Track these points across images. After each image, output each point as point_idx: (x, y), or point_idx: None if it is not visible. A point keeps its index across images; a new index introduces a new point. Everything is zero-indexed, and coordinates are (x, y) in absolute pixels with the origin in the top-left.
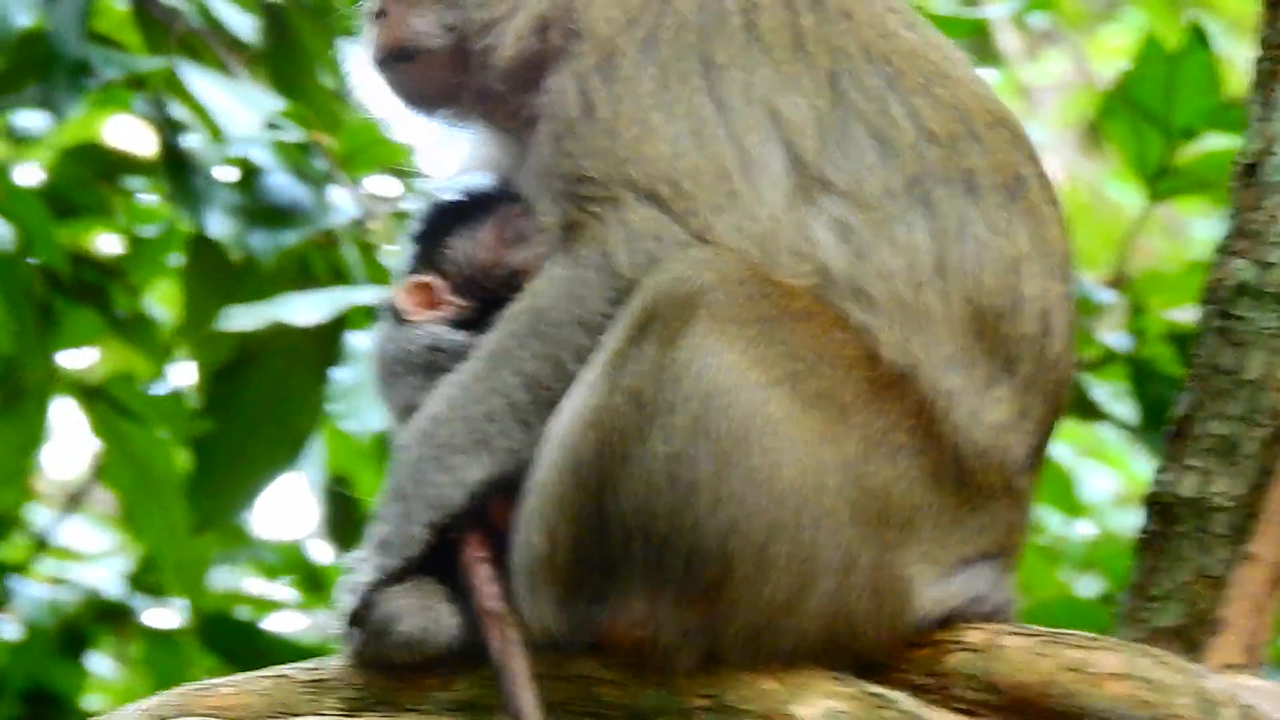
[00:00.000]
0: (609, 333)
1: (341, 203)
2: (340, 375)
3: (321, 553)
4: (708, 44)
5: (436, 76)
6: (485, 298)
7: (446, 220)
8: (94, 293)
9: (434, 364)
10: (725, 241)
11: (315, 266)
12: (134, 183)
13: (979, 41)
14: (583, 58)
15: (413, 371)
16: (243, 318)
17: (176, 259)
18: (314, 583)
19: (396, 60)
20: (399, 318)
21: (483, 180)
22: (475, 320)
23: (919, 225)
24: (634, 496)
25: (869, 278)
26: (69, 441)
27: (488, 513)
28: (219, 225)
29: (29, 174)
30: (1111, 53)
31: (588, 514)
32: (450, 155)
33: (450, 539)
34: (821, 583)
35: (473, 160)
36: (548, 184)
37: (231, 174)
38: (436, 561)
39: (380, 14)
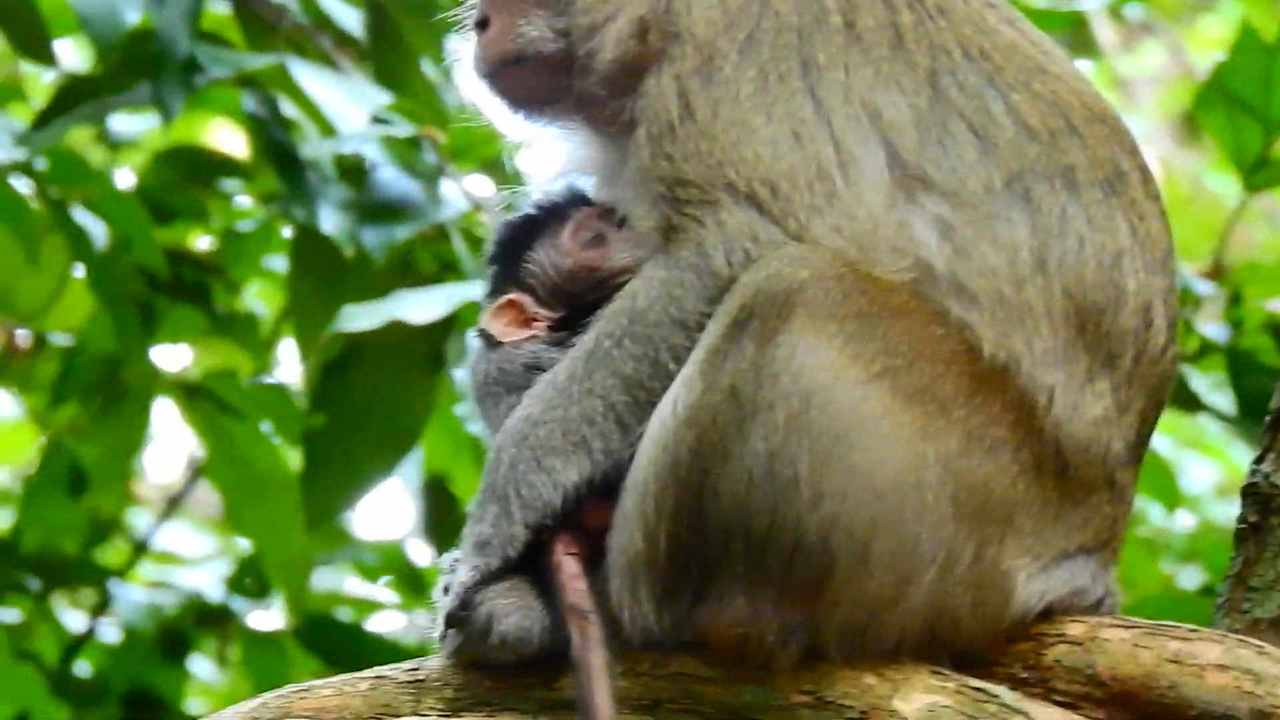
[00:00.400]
0: (707, 332)
1: (451, 196)
2: (463, 376)
3: (420, 553)
4: (807, 45)
5: (543, 81)
6: (573, 304)
7: (521, 235)
8: (193, 290)
9: (534, 382)
10: (823, 241)
11: (422, 261)
12: (229, 185)
13: (1075, 34)
14: (682, 60)
15: (513, 391)
16: (360, 317)
17: (276, 262)
18: (413, 583)
19: (505, 66)
20: (492, 341)
21: (551, 190)
22: (568, 329)
23: (1019, 222)
24: (734, 494)
25: (969, 274)
26: (169, 444)
27: (579, 513)
28: (330, 221)
29: (124, 178)
30: (1208, 44)
31: (687, 512)
32: (552, 158)
33: (541, 539)
34: (923, 577)
35: (573, 162)
36: (646, 187)
37: (339, 170)
38: (527, 562)
39: (483, 23)
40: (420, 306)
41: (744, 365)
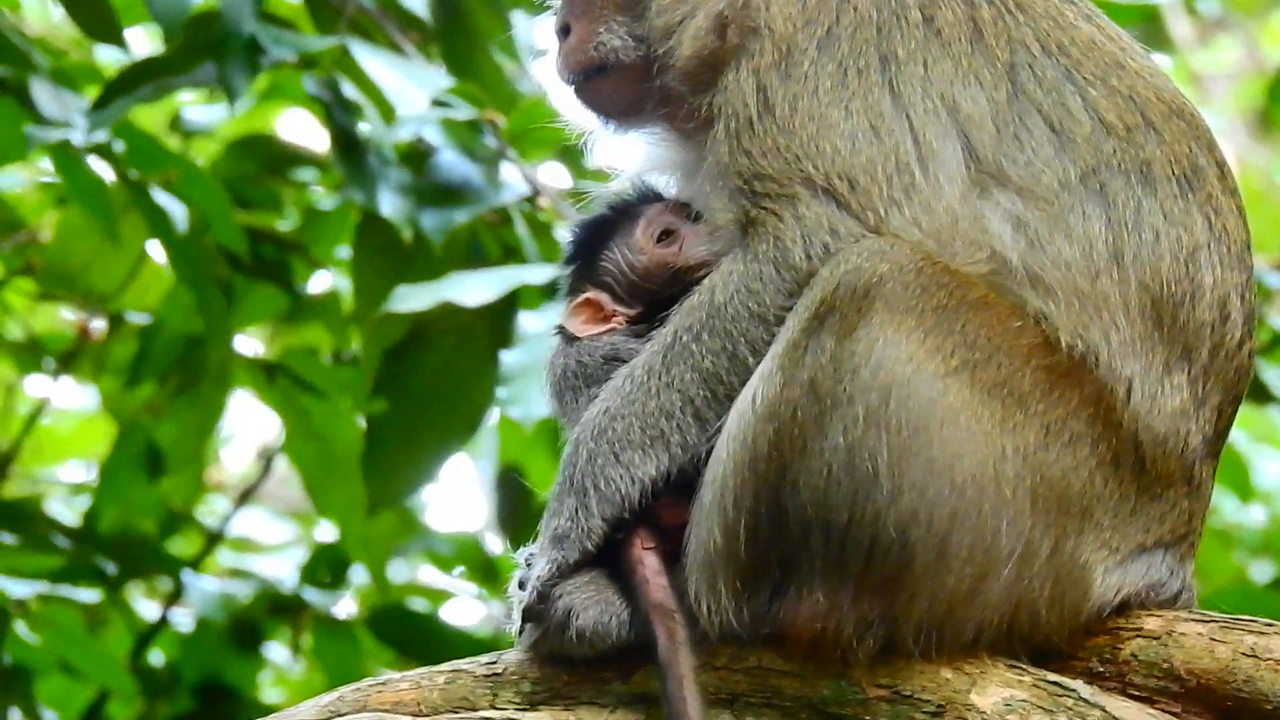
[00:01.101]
0: (786, 326)
1: (512, 180)
2: (509, 359)
3: (494, 544)
4: (886, 39)
5: (627, 89)
6: (650, 299)
7: (596, 235)
8: (273, 269)
9: (612, 375)
10: (901, 235)
11: (486, 245)
12: (305, 175)
13: (1150, 28)
14: (760, 55)
15: (592, 384)
16: (412, 298)
17: (347, 250)
18: (488, 573)
19: (588, 77)
20: (570, 339)
21: (623, 189)
22: (645, 324)
23: (1095, 216)
24: (813, 488)
25: (1044, 266)
26: (244, 431)
27: (656, 508)
28: (390, 205)
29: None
30: None
31: (766, 507)
32: (631, 156)
33: (617, 533)
34: (1001, 571)
35: (652, 161)
36: (725, 181)
37: (400, 154)
38: (603, 555)
39: (564, 30)
40: (473, 289)
41: (823, 359)
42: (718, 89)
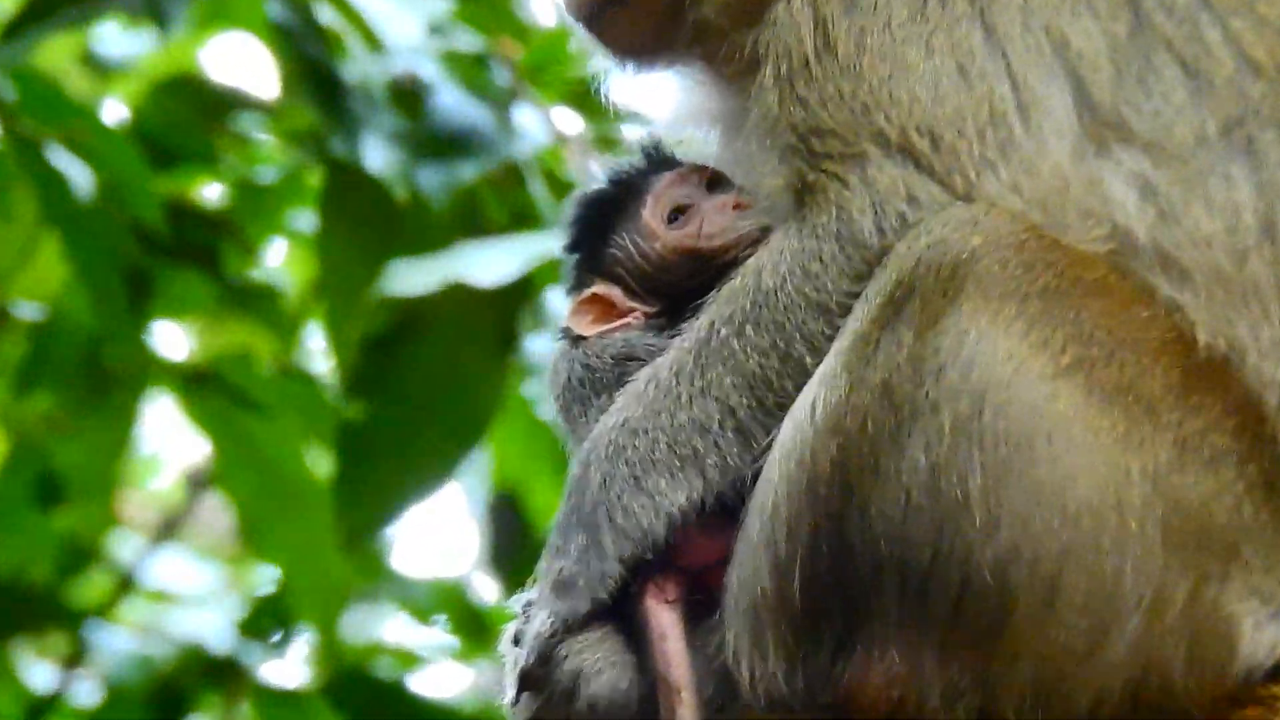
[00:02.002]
0: (852, 316)
1: (528, 128)
2: (536, 345)
3: (483, 589)
4: None
5: (651, 21)
6: (674, 293)
7: (598, 216)
8: (199, 253)
9: (628, 379)
10: (998, 202)
11: (491, 210)
12: (247, 123)
13: None
14: None
15: (603, 392)
16: (413, 277)
17: (303, 221)
18: (475, 627)
19: (603, 7)
20: (576, 340)
21: (628, 158)
22: (669, 320)
23: (1240, 179)
24: (887, 519)
25: (1178, 244)
26: (168, 452)
27: (687, 546)
28: (378, 157)
29: (114, 111)
30: None
31: (828, 543)
32: (663, 105)
33: (638, 578)
34: (1126, 624)
35: (687, 111)
36: (774, 138)
37: (390, 95)
38: (621, 605)
39: None
40: (488, 264)
41: (900, 357)
42: (765, 22)
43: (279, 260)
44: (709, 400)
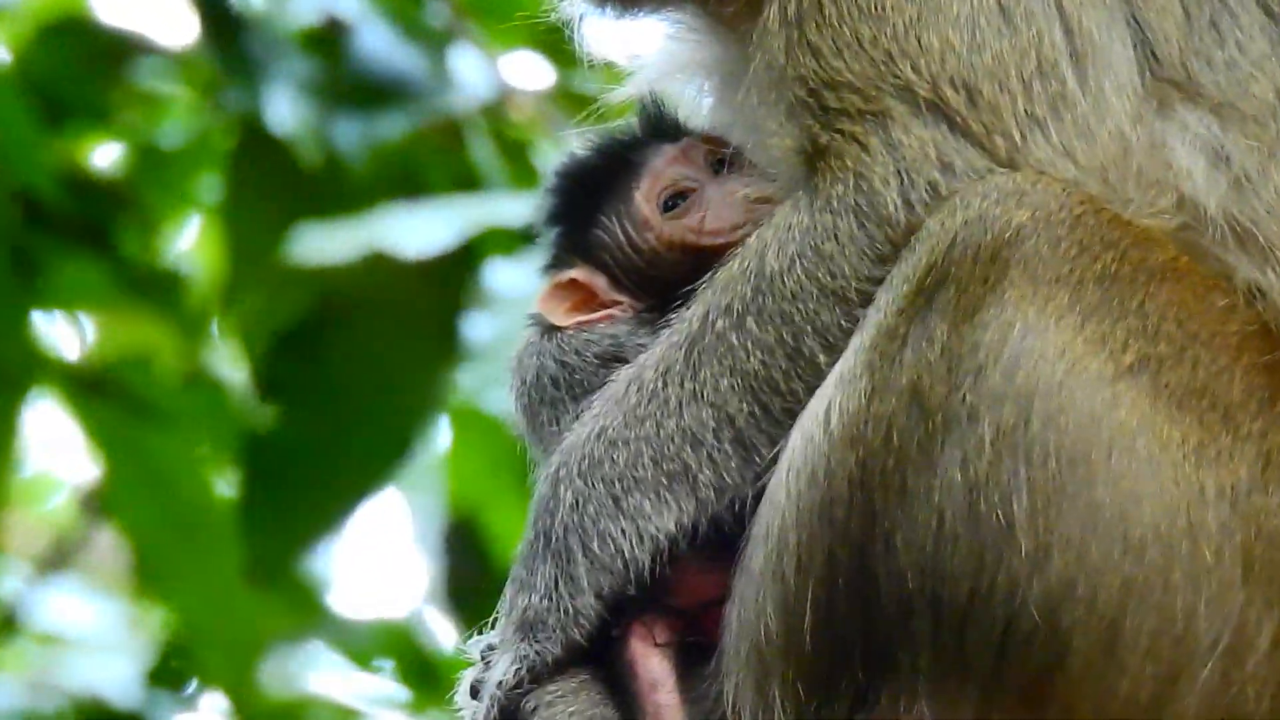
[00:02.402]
0: (874, 306)
1: (470, 76)
2: (476, 329)
3: (436, 630)
4: None
5: None
6: (666, 289)
7: (584, 189)
8: (90, 231)
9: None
10: (1048, 170)
11: (428, 173)
12: (148, 72)
13: None
14: None
15: (579, 395)
16: (326, 245)
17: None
18: (424, 675)
19: None
20: (548, 331)
21: (625, 121)
22: (660, 314)
23: None
24: (917, 547)
25: (1258, 219)
26: (57, 464)
27: (677, 579)
28: (285, 110)
29: None
30: None
31: (846, 576)
32: (653, 57)
33: (620, 616)
34: (1199, 671)
35: (678, 63)
36: (780, 91)
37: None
38: (600, 647)
39: None
40: (418, 231)
41: (932, 355)
42: None
43: (188, 244)
44: (702, 406)
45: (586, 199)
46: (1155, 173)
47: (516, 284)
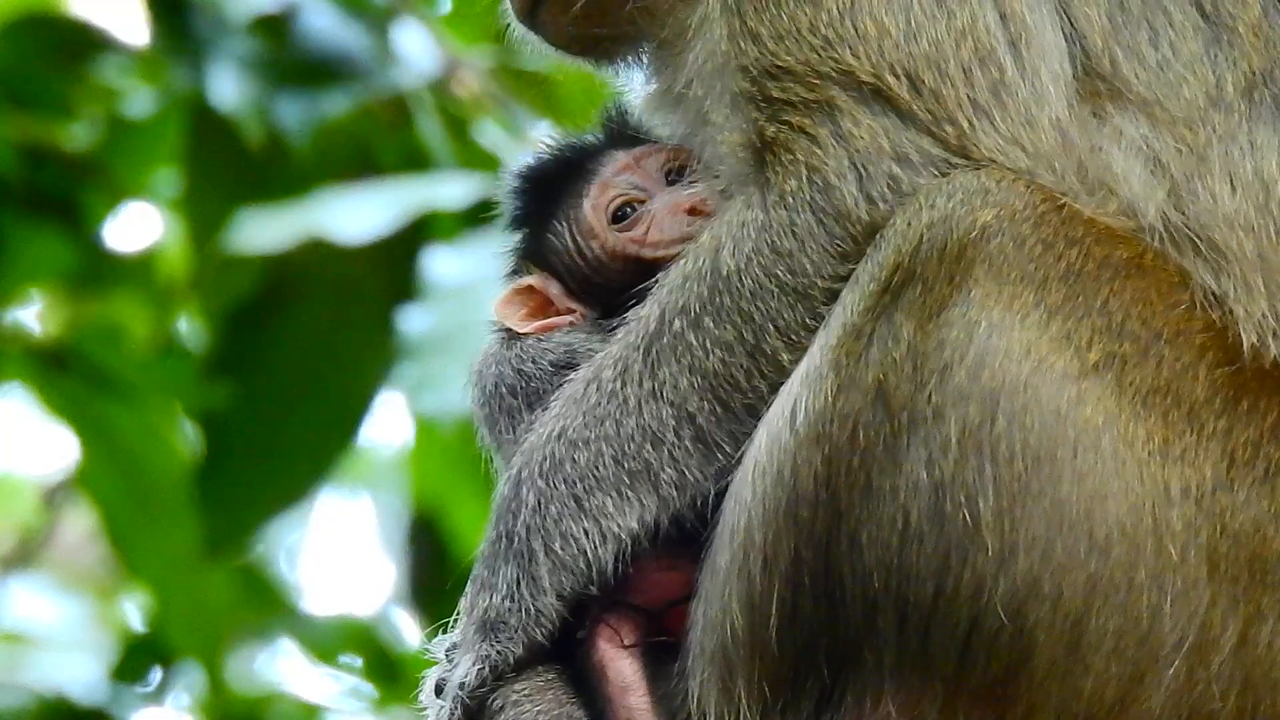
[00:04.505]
0: (840, 304)
1: (415, 54)
2: (413, 321)
3: (401, 628)
4: None
5: (591, 10)
6: (614, 298)
7: (542, 191)
8: (57, 205)
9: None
10: (999, 160)
11: (378, 152)
12: (111, 68)
13: None
14: None
15: (537, 402)
16: (266, 229)
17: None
18: (388, 673)
19: (535, 10)
20: (509, 339)
21: (586, 126)
22: (616, 321)
23: (1267, 146)
24: (881, 546)
25: (1207, 224)
26: (19, 460)
27: (640, 578)
28: (228, 88)
29: None
30: None
31: (811, 575)
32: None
33: (582, 616)
34: (1164, 670)
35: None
36: (723, 81)
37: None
38: (561, 646)
39: None
40: (358, 214)
41: (899, 354)
42: None
43: (155, 218)
44: (662, 404)
45: (541, 204)
46: (1097, 172)
47: (456, 273)
